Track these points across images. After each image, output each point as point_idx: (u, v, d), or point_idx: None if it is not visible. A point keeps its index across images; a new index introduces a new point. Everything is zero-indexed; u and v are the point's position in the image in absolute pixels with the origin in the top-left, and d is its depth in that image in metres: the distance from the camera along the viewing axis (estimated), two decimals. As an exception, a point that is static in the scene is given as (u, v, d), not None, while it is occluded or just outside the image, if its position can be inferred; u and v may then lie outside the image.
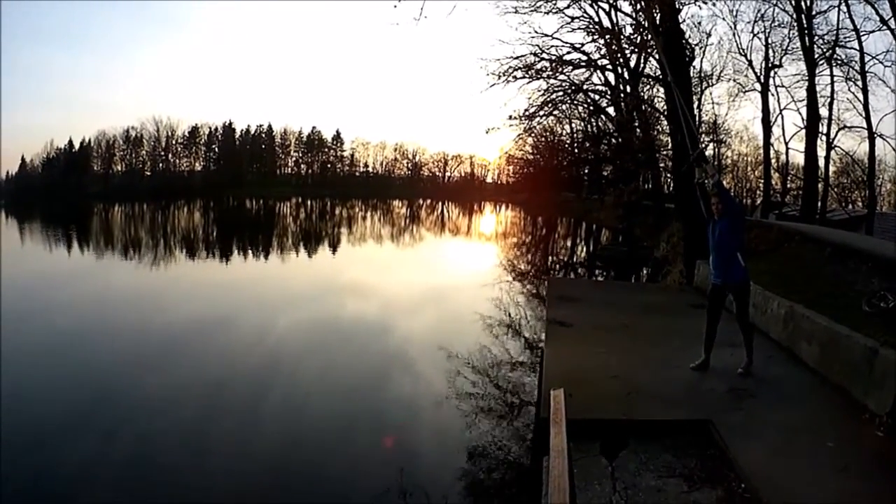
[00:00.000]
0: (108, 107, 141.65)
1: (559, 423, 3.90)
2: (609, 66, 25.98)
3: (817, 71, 29.14)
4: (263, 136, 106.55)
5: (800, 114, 31.96)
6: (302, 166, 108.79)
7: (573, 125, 37.19)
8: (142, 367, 10.07)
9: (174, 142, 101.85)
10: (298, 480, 6.44)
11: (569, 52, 22.09)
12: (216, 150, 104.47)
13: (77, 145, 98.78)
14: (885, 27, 25.15)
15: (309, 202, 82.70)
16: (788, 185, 38.59)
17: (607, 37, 20.25)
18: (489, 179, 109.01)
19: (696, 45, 30.25)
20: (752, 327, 6.15)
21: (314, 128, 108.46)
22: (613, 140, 29.54)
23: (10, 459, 6.46)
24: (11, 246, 31.94)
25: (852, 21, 27.45)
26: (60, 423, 7.64)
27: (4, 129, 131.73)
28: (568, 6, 19.75)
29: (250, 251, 29.49)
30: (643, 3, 15.68)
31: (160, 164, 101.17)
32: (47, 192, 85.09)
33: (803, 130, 30.73)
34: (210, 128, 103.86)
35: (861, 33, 27.57)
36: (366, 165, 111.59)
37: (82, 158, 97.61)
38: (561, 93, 25.03)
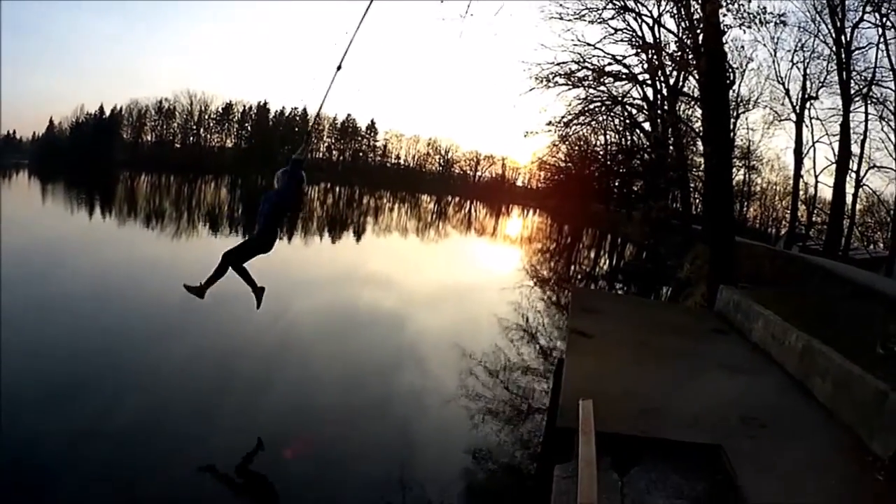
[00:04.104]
0: (142, 78, 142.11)
1: (588, 433, 4.03)
2: (649, 82, 26.05)
3: (852, 107, 29.29)
4: (297, 118, 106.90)
5: (832, 148, 32.10)
6: (334, 152, 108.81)
7: (608, 136, 37.24)
8: (146, 340, 10.11)
9: (207, 117, 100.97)
10: (297, 466, 6.49)
11: (610, 64, 22.31)
12: (249, 128, 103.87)
13: (108, 112, 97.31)
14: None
15: (337, 188, 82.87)
16: (814, 219, 38.38)
17: (649, 52, 20.38)
18: (519, 183, 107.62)
19: (737, 68, 30.19)
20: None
21: (349, 115, 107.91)
22: (647, 156, 29.55)
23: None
24: (32, 206, 32.75)
25: (890, 61, 27.69)
26: (49, 388, 7.60)
27: (32, 91, 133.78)
28: (612, 17, 20.08)
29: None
30: (687, 22, 15.74)
31: (191, 138, 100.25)
32: (74, 155, 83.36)
33: (834, 165, 30.91)
34: (244, 106, 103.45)
35: (898, 73, 27.40)
36: (397, 157, 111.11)
37: (112, 125, 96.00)
38: (599, 103, 25.20)
